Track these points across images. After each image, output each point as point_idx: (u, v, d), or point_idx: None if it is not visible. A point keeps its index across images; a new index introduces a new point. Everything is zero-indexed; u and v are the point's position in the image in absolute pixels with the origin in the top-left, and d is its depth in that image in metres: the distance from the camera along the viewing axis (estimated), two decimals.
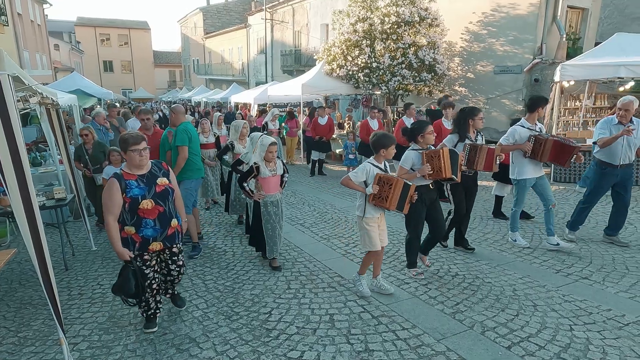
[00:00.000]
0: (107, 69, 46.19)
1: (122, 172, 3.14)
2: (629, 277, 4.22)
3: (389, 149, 3.75)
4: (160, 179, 3.24)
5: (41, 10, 22.23)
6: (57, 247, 5.11)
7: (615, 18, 15.01)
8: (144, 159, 3.15)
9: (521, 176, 4.96)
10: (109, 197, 3.03)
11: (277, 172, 4.54)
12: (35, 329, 3.54)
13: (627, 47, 8.22)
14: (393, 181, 3.59)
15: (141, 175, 3.17)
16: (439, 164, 3.91)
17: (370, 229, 3.78)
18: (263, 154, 4.46)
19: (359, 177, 3.73)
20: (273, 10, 24.00)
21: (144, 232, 3.16)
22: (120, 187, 3.05)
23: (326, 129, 10.17)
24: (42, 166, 7.38)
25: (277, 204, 4.59)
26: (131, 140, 3.10)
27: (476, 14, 12.38)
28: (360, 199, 3.84)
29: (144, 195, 3.11)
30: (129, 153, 3.11)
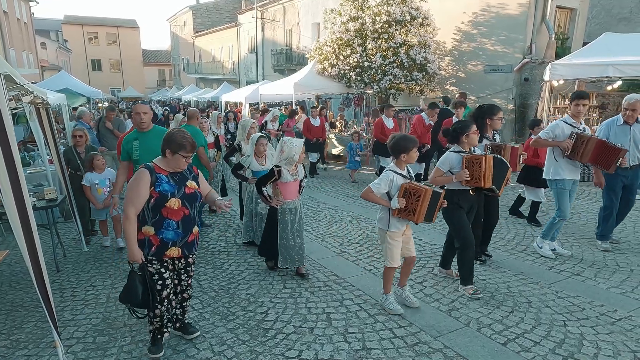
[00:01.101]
0: (95, 67, 45.63)
1: (154, 165, 2.89)
2: (619, 274, 4.29)
3: (410, 152, 3.39)
4: (190, 182, 2.99)
5: (27, 8, 21.88)
6: (48, 249, 5.03)
7: (603, 18, 15.25)
8: (185, 166, 2.94)
9: (557, 176, 4.59)
10: (135, 187, 2.77)
11: (298, 176, 4.27)
12: (28, 332, 3.48)
13: (614, 47, 8.36)
14: (421, 192, 3.26)
15: (173, 173, 2.93)
16: (479, 171, 3.59)
17: (394, 243, 3.47)
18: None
19: (381, 188, 3.37)
20: (264, 9, 23.91)
21: (164, 234, 2.86)
22: (151, 179, 2.80)
23: (319, 130, 9.99)
24: (30, 166, 7.27)
25: (295, 211, 4.28)
26: (188, 147, 2.85)
27: (466, 14, 12.47)
28: (383, 212, 3.52)
29: (174, 193, 2.86)
30: (177, 156, 2.84)
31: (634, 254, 4.79)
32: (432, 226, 5.94)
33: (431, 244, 5.26)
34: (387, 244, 3.50)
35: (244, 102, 16.17)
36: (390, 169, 3.45)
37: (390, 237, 3.47)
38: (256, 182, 4.22)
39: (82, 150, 5.75)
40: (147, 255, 2.87)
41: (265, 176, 4.16)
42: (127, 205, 2.78)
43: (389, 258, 3.53)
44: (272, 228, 4.30)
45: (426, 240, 5.37)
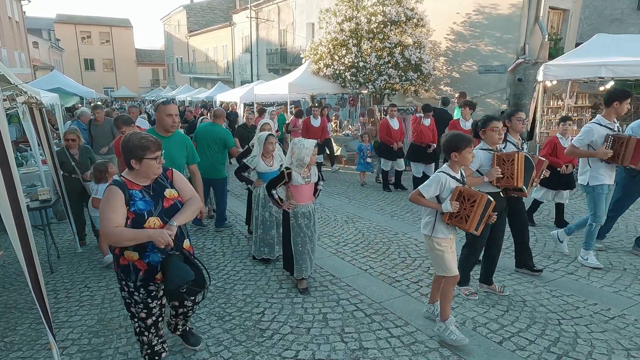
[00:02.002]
0: (88, 67, 45.33)
1: (125, 180, 2.50)
2: (612, 273, 4.34)
3: (462, 152, 3.05)
4: (169, 191, 2.60)
5: (19, 7, 21.68)
6: (42, 250, 4.97)
7: (595, 19, 15.39)
8: (160, 169, 2.56)
9: (595, 182, 4.29)
10: (109, 207, 2.37)
11: (311, 179, 3.98)
12: (22, 334, 3.46)
13: (607, 47, 8.43)
14: (477, 197, 2.97)
15: (146, 186, 2.54)
16: (512, 169, 3.44)
17: (444, 249, 3.13)
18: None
19: (431, 191, 3.08)
20: (258, 9, 23.86)
21: (151, 258, 2.50)
22: (125, 196, 2.43)
23: (319, 131, 9.65)
24: (23, 167, 7.20)
25: (309, 215, 4.00)
26: (153, 147, 2.46)
27: (461, 15, 12.53)
28: (429, 216, 3.18)
29: (150, 210, 2.47)
30: (146, 162, 2.45)
31: (626, 253, 4.84)
32: None
33: None
34: (435, 251, 3.15)
35: (238, 102, 16.14)
36: (443, 170, 3.14)
37: (436, 243, 3.14)
38: (266, 185, 4.02)
39: (76, 152, 5.49)
40: (135, 282, 2.53)
41: (275, 179, 3.95)
42: (105, 225, 2.35)
43: (442, 266, 3.14)
44: (288, 234, 4.05)
45: (422, 240, 5.38)
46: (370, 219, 6.33)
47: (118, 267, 2.56)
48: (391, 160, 8.21)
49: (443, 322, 3.16)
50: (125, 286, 2.57)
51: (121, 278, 2.57)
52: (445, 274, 3.15)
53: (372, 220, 6.29)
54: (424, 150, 7.58)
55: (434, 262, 3.25)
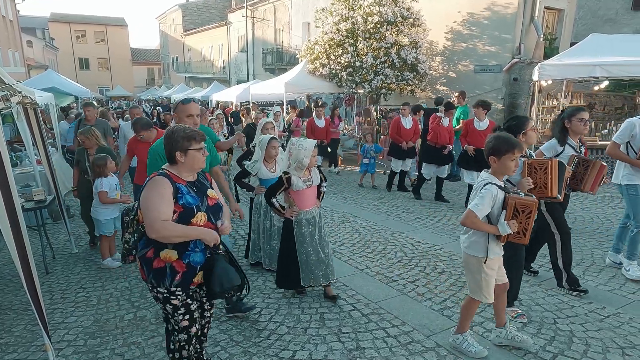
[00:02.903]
0: (83, 66, 45.06)
1: (169, 173, 2.35)
2: (607, 271, 4.36)
3: (502, 157, 2.70)
4: (210, 191, 2.50)
5: (13, 5, 21.53)
6: (37, 250, 4.95)
7: (589, 19, 15.48)
8: (204, 162, 2.44)
9: (629, 181, 4.00)
10: (159, 198, 2.20)
11: (312, 182, 3.70)
12: (17, 335, 3.43)
13: (601, 47, 8.49)
14: (532, 206, 2.68)
15: (190, 182, 2.41)
16: (545, 178, 3.16)
17: (492, 274, 2.82)
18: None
19: (485, 208, 2.67)
20: (254, 8, 23.82)
21: (191, 258, 2.31)
22: (173, 188, 2.27)
23: (324, 132, 9.28)
24: (17, 167, 7.15)
25: (313, 221, 3.71)
26: (198, 137, 2.36)
27: (456, 14, 12.56)
28: (477, 235, 2.80)
29: (199, 205, 2.33)
30: (191, 153, 2.33)
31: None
32: (424, 225, 6.00)
33: (423, 243, 5.29)
34: (483, 274, 2.81)
35: (234, 101, 16.11)
36: (490, 180, 2.73)
37: (487, 267, 2.79)
38: (265, 193, 3.70)
39: (93, 152, 5.12)
40: (169, 286, 2.30)
41: (273, 186, 3.64)
42: (154, 218, 2.16)
43: (484, 292, 2.84)
44: (290, 243, 3.73)
45: (417, 240, 5.40)
46: (366, 219, 6.34)
47: (149, 271, 2.30)
48: (400, 160, 7.98)
49: (460, 334, 3.01)
50: (158, 294, 2.33)
51: (152, 285, 2.32)
52: (485, 300, 2.85)
53: (368, 219, 6.30)
54: (439, 152, 7.25)
55: (475, 285, 2.88)
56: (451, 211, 6.70)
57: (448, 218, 6.33)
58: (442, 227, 5.93)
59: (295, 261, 3.70)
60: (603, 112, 11.28)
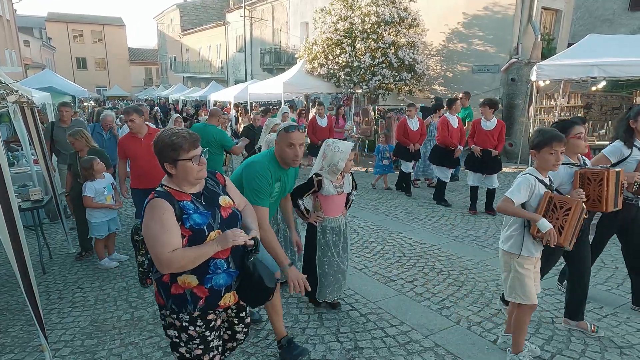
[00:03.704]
0: (80, 66, 44.93)
1: (169, 190, 2.00)
2: (604, 271, 4.37)
3: (541, 151, 2.60)
4: (223, 199, 2.13)
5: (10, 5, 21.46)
6: (34, 250, 4.92)
7: (587, 19, 15.52)
8: (203, 171, 2.03)
9: None
10: (160, 226, 1.87)
11: (344, 189, 3.42)
12: (14, 336, 3.41)
13: (598, 48, 8.52)
14: (572, 204, 2.55)
15: (196, 194, 2.05)
16: (599, 191, 2.83)
17: (526, 273, 2.68)
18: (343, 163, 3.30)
19: (522, 195, 2.59)
20: (252, 8, 23.80)
21: (214, 282, 2.01)
22: (175, 209, 1.93)
23: (326, 131, 9.05)
24: (14, 166, 7.12)
25: (338, 231, 3.46)
26: (186, 144, 1.95)
27: (454, 15, 12.58)
28: (515, 229, 2.70)
29: (210, 224, 1.98)
30: (181, 165, 1.96)
31: (618, 251, 4.83)
32: (422, 225, 6.00)
33: (421, 243, 5.29)
34: (515, 273, 2.70)
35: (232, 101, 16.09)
36: (531, 172, 2.66)
37: (519, 265, 2.68)
38: (292, 194, 3.37)
39: (84, 155, 4.90)
40: (193, 311, 2.02)
41: (302, 187, 3.35)
42: (159, 252, 1.86)
43: (519, 292, 2.70)
44: (311, 251, 3.50)
45: (416, 240, 5.40)
46: (365, 219, 6.33)
47: (167, 298, 2.02)
48: (408, 161, 7.82)
49: (516, 355, 2.82)
50: (176, 320, 2.04)
51: (172, 311, 2.03)
52: (522, 301, 2.70)
53: (366, 219, 6.29)
54: (449, 154, 6.95)
55: (511, 285, 2.75)
56: (449, 211, 6.70)
57: (446, 218, 6.33)
58: (440, 227, 5.93)
59: (313, 271, 3.44)
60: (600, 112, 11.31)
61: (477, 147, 6.34)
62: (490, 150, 6.27)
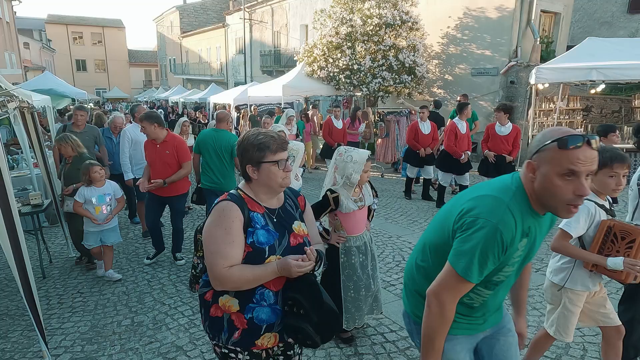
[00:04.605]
0: (80, 68, 44.96)
1: (243, 195, 1.79)
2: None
3: (598, 173, 2.21)
4: (298, 225, 1.87)
5: (10, 7, 21.47)
6: (33, 255, 4.92)
7: (585, 22, 15.57)
8: (287, 179, 1.81)
9: None
10: (223, 235, 1.66)
11: (365, 202, 3.06)
12: (14, 341, 3.42)
13: (597, 51, 8.54)
14: (636, 235, 2.16)
15: (270, 209, 1.82)
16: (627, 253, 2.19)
17: (575, 310, 2.38)
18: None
19: (580, 226, 2.23)
20: (252, 10, 23.83)
21: (255, 314, 1.74)
22: (244, 219, 1.71)
23: (341, 134, 8.89)
24: (14, 170, 7.13)
25: (364, 249, 3.06)
26: (274, 145, 1.75)
27: (454, 18, 12.61)
28: (569, 262, 2.36)
29: (273, 246, 1.74)
30: (265, 167, 1.75)
31: None
32: (422, 229, 6.00)
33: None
34: (563, 309, 2.41)
35: (232, 103, 16.09)
36: (589, 197, 2.20)
37: (570, 302, 2.36)
38: None
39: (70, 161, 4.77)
40: (225, 344, 1.79)
41: (317, 207, 2.96)
42: (216, 265, 1.66)
43: (561, 328, 2.44)
44: (333, 276, 3.07)
45: (410, 241, 5.41)
46: None
47: (206, 318, 1.83)
48: (417, 167, 7.60)
49: None
50: (216, 347, 1.85)
51: (209, 336, 1.85)
52: (560, 338, 2.47)
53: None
54: (457, 160, 6.70)
55: (555, 319, 2.47)
56: None
57: None
58: None
59: (338, 298, 3.01)
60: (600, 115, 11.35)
61: (491, 153, 6.20)
62: (505, 155, 6.16)
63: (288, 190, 1.95)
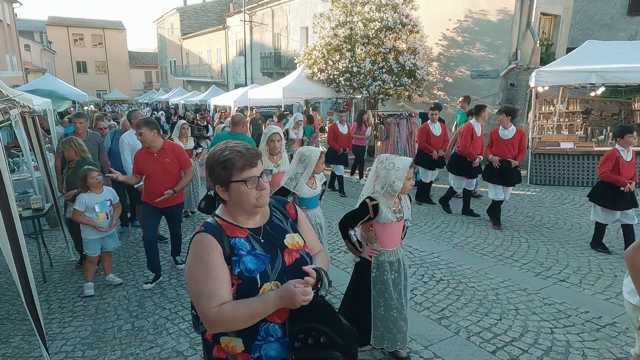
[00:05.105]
0: (80, 69, 45.03)
1: (221, 223, 1.59)
2: (604, 279, 4.39)
3: None
4: (291, 237, 1.68)
5: (10, 9, 21.53)
6: (34, 258, 4.93)
7: (585, 24, 15.60)
8: (263, 198, 1.59)
9: None
10: (204, 274, 1.48)
11: (403, 214, 2.88)
12: (15, 346, 3.42)
13: (597, 54, 8.57)
14: None
15: (254, 229, 1.62)
16: None
17: None
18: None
19: None
20: (252, 12, 23.87)
21: (263, 352, 1.54)
22: (223, 250, 1.52)
23: (346, 138, 8.69)
24: (15, 173, 7.14)
25: (398, 266, 2.90)
26: (241, 161, 1.54)
27: (453, 20, 12.64)
28: None
29: (265, 272, 1.55)
30: (234, 187, 1.55)
31: (617, 259, 4.90)
32: (421, 232, 6.01)
33: (421, 250, 5.31)
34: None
35: (232, 105, 16.12)
36: None
37: None
38: (341, 223, 2.89)
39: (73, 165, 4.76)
40: None
41: (355, 213, 2.82)
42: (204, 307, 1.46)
43: None
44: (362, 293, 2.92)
45: (415, 247, 5.41)
46: None
47: (209, 358, 1.64)
48: (430, 170, 7.42)
49: None
50: None
51: None
52: None
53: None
54: (470, 164, 6.51)
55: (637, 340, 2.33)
56: (449, 218, 6.72)
57: (446, 225, 6.35)
58: (440, 234, 5.94)
59: (367, 314, 2.87)
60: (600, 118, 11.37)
61: (496, 158, 6.01)
62: (510, 160, 5.95)
63: (273, 201, 1.74)
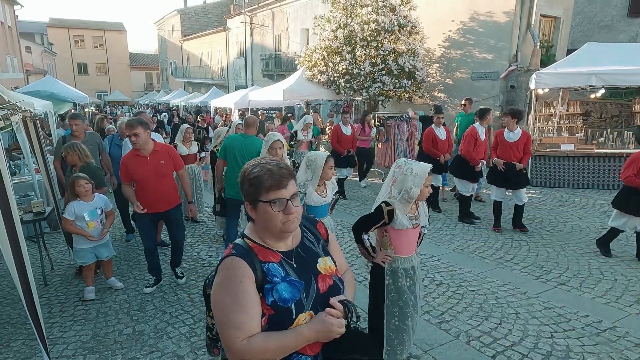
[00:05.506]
0: (81, 71, 45.12)
1: (251, 244, 1.47)
2: (604, 283, 4.39)
3: None
4: (324, 261, 1.54)
5: (11, 11, 21.57)
6: (35, 261, 4.95)
7: (585, 26, 15.60)
8: (291, 223, 1.44)
9: None
10: (232, 301, 1.35)
11: (420, 220, 2.80)
12: (16, 350, 3.43)
13: (597, 56, 8.57)
14: None
15: (286, 252, 1.49)
16: None
17: None
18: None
19: None
20: (252, 14, 23.90)
21: None
22: (255, 276, 1.39)
23: (350, 140, 8.55)
24: (16, 176, 7.15)
25: (412, 273, 2.79)
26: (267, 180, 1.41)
27: (454, 22, 12.65)
28: None
29: (300, 302, 1.41)
30: (262, 207, 1.43)
31: (617, 262, 4.90)
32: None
33: (421, 254, 5.27)
34: None
35: (233, 107, 16.14)
36: None
37: None
38: (355, 227, 2.80)
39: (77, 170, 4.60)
40: None
41: (369, 218, 2.74)
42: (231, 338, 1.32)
43: None
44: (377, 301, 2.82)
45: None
46: None
47: None
48: (437, 174, 7.21)
49: None
50: None
51: None
52: None
53: None
54: (473, 167, 6.40)
55: None
56: (449, 221, 6.72)
57: (446, 228, 6.35)
58: (439, 237, 5.95)
59: (379, 325, 2.75)
60: (600, 120, 11.37)
61: (500, 160, 5.94)
62: (515, 163, 5.87)
63: (303, 220, 1.58)
